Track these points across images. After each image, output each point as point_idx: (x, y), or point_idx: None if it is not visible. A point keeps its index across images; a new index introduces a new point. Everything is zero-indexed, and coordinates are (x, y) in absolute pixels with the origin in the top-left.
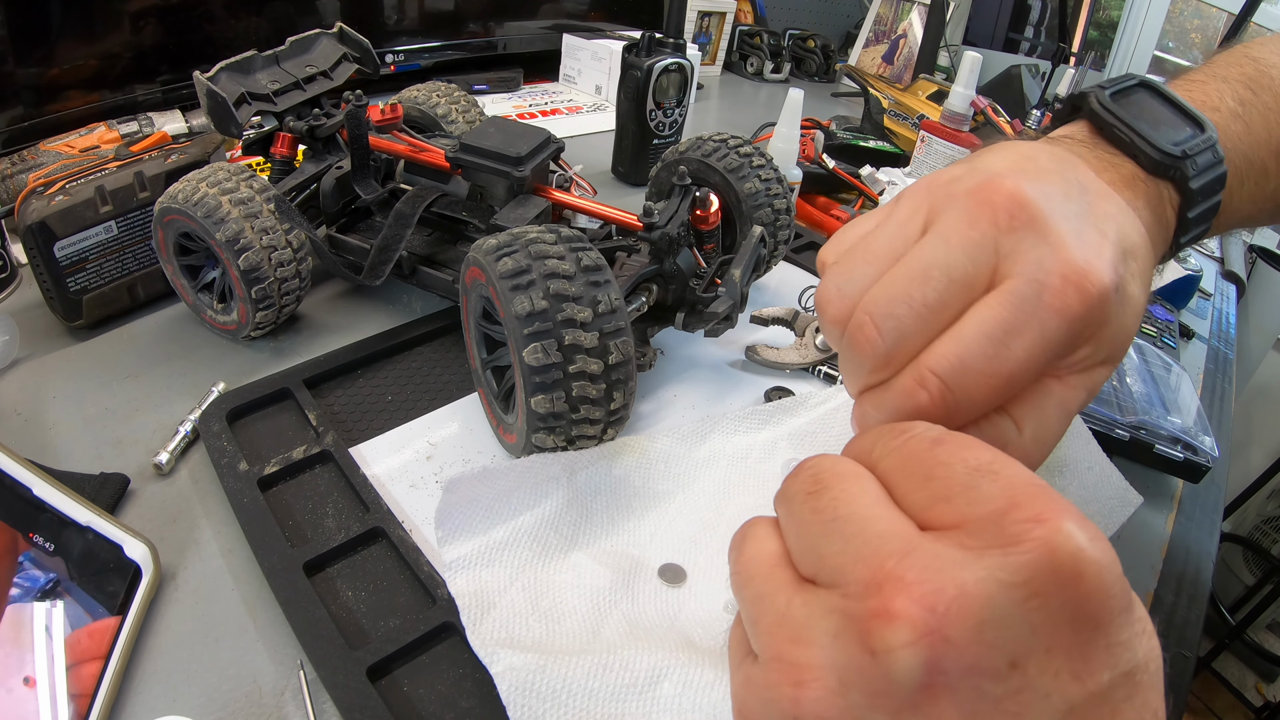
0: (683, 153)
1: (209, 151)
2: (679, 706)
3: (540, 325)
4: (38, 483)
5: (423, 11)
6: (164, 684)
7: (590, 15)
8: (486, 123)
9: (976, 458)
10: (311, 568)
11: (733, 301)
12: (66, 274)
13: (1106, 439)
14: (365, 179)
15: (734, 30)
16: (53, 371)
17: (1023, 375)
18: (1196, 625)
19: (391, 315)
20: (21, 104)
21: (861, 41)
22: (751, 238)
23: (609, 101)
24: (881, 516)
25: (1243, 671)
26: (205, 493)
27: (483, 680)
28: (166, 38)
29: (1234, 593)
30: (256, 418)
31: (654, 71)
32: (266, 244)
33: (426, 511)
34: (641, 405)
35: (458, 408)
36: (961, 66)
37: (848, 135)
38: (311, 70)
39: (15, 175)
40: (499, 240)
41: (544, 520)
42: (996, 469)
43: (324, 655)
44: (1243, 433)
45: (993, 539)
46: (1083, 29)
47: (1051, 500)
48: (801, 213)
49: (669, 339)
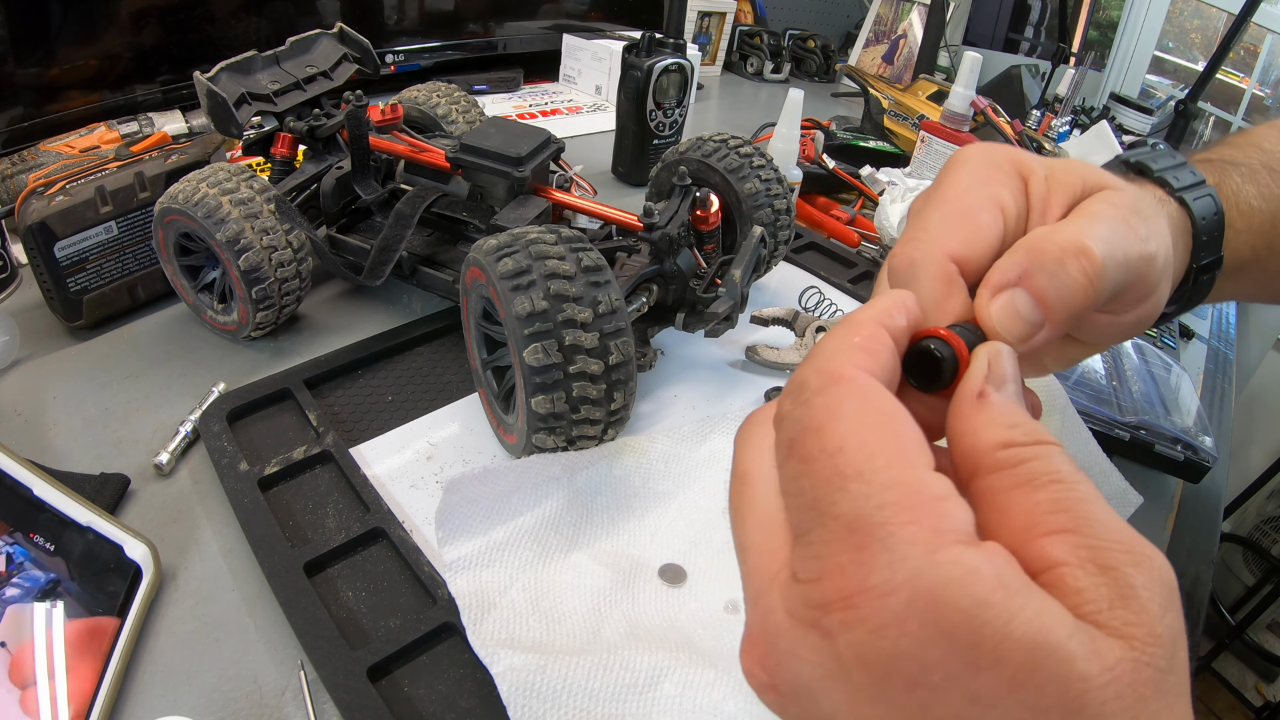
0: (683, 153)
1: (209, 152)
2: (679, 706)
3: (541, 325)
4: (38, 483)
5: (423, 11)
6: (164, 684)
7: (590, 15)
8: (486, 123)
9: (844, 459)
10: (312, 568)
11: (733, 302)
12: (66, 274)
13: (1106, 439)
14: (365, 179)
15: (734, 30)
16: (53, 371)
17: None
18: (1196, 625)
19: (391, 315)
20: (22, 104)
21: (861, 41)
22: (751, 238)
23: (609, 101)
24: (757, 544)
25: (1243, 672)
26: (205, 493)
27: (483, 680)
28: (166, 38)
29: (1234, 593)
30: (257, 418)
31: (654, 71)
32: (267, 244)
33: (427, 512)
34: (641, 405)
35: (458, 408)
36: (961, 67)
37: (848, 135)
38: (311, 70)
39: (15, 175)
40: (499, 240)
41: (544, 520)
42: (856, 471)
43: (324, 655)
44: (1243, 433)
45: (807, 616)
46: (1083, 29)
47: (872, 566)
48: (801, 213)
49: (669, 339)
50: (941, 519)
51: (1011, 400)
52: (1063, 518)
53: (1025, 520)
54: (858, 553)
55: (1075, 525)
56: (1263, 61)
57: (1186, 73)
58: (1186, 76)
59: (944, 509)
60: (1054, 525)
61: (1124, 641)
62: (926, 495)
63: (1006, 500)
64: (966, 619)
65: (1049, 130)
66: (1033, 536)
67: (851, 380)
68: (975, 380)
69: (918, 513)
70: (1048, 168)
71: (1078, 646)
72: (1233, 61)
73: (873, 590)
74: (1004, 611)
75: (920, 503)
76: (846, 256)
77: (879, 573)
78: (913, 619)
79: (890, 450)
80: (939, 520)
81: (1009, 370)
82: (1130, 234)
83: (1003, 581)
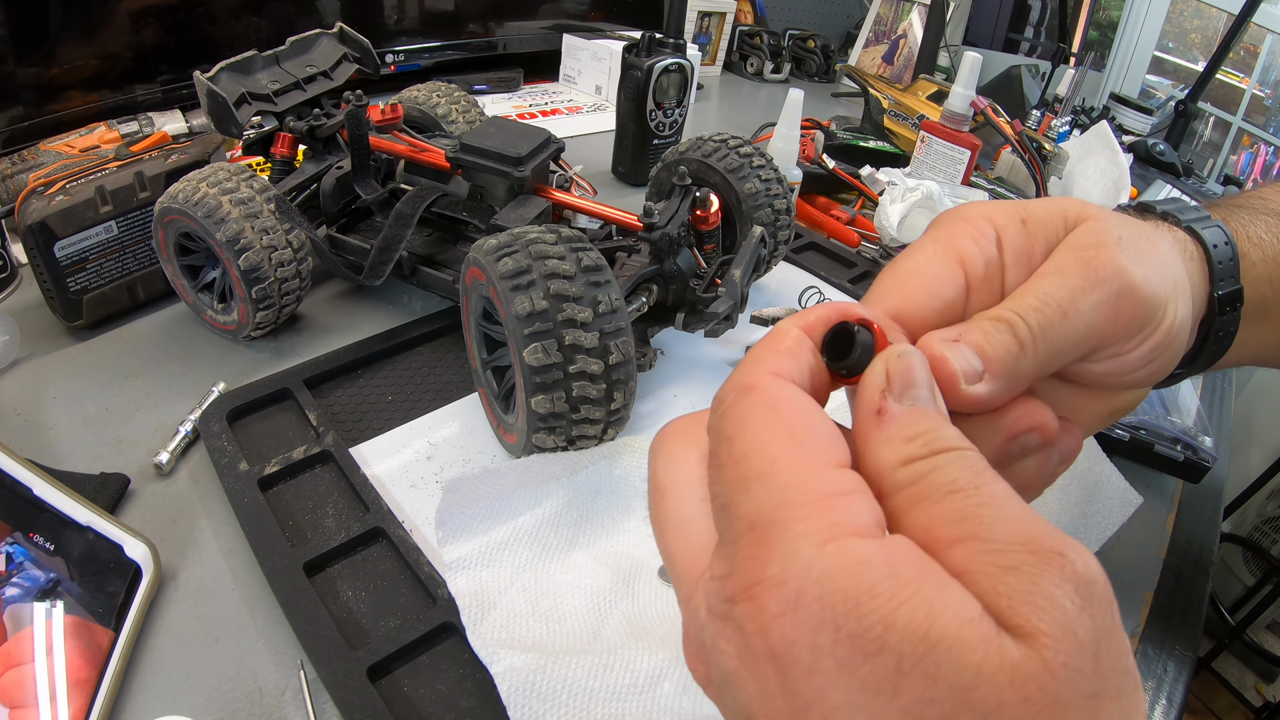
0: (683, 153)
1: (209, 151)
2: (679, 706)
3: (540, 325)
4: (38, 483)
5: (423, 11)
6: (164, 684)
7: (590, 15)
8: (486, 123)
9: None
10: (312, 568)
11: (733, 301)
12: (66, 274)
13: (1106, 439)
14: (365, 179)
15: (734, 30)
16: (53, 371)
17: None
18: (1196, 625)
19: (391, 315)
20: (21, 104)
21: (861, 41)
22: (751, 238)
23: (609, 101)
24: (680, 551)
25: (1242, 671)
26: (205, 493)
27: (483, 680)
28: (166, 38)
29: (1234, 593)
30: (257, 418)
31: (654, 71)
32: (267, 244)
33: (426, 511)
34: (641, 405)
35: (458, 408)
36: (961, 67)
37: (848, 135)
38: (311, 70)
39: (15, 175)
40: (499, 240)
41: (544, 520)
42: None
43: (324, 655)
44: (1243, 433)
45: (721, 609)
46: (1083, 29)
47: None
48: (801, 213)
49: (669, 339)
50: (835, 513)
51: (913, 410)
52: (960, 527)
53: (927, 536)
54: (757, 548)
55: (975, 532)
56: (1263, 61)
57: (1186, 73)
58: (1186, 77)
59: (840, 504)
60: (954, 535)
61: (1030, 640)
62: (823, 492)
63: (911, 519)
64: (852, 607)
65: (1049, 130)
66: (938, 550)
67: (760, 389)
68: (872, 396)
69: (812, 509)
70: (1026, 211)
71: (971, 637)
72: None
73: (768, 580)
74: (890, 600)
75: (815, 499)
76: (846, 256)
77: (774, 564)
78: (803, 608)
79: (790, 454)
80: (832, 514)
81: (915, 375)
82: (1089, 276)
83: (893, 571)
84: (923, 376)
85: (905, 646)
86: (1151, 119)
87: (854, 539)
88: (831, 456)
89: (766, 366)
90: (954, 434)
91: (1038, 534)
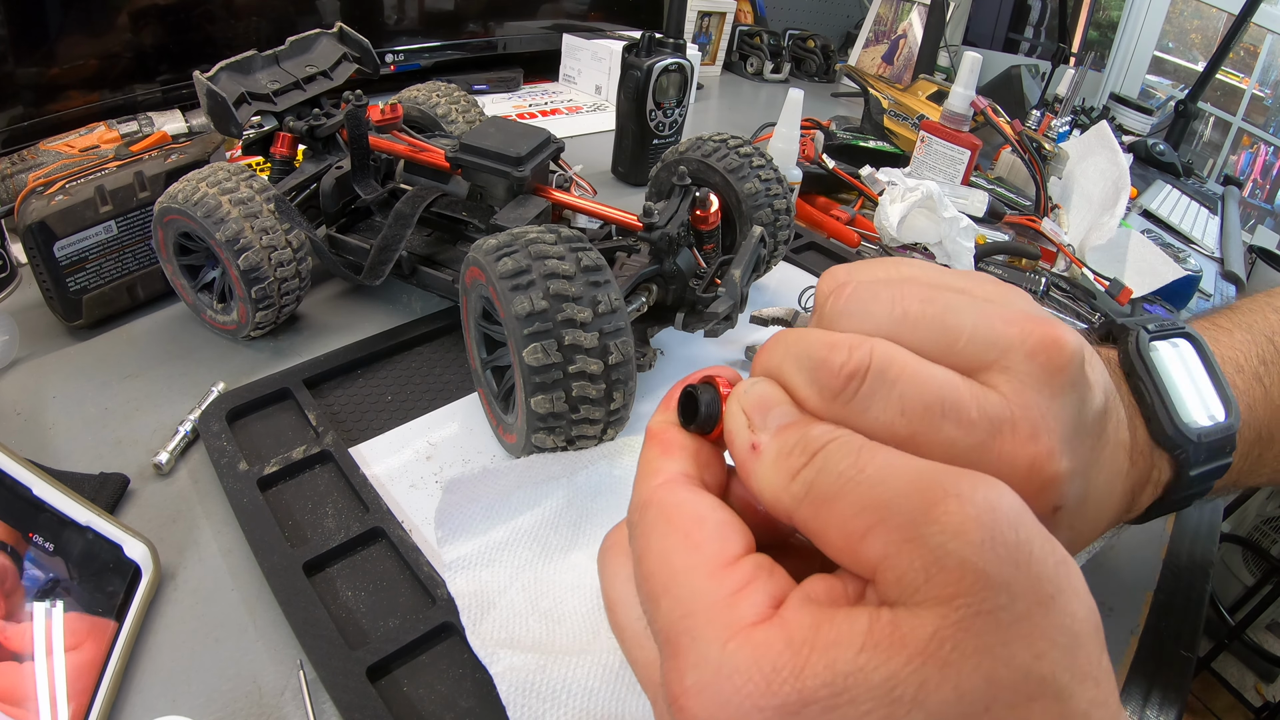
0: (683, 153)
1: (209, 151)
2: None
3: (540, 325)
4: (38, 483)
5: (423, 11)
6: (164, 684)
7: (590, 15)
8: (486, 123)
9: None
10: (311, 568)
11: (733, 301)
12: (66, 274)
13: None
14: (365, 179)
15: (734, 30)
16: (53, 371)
17: None
18: (1196, 625)
19: (391, 315)
20: (21, 104)
21: (861, 41)
22: (751, 238)
23: (609, 101)
24: (638, 659)
25: (1242, 672)
26: (205, 493)
27: (483, 680)
28: (166, 38)
29: (1234, 593)
30: (256, 418)
31: (654, 71)
32: (266, 244)
33: (426, 511)
34: (641, 405)
35: (458, 408)
36: (961, 67)
37: (848, 135)
38: (311, 70)
39: (15, 175)
40: (499, 240)
41: (544, 520)
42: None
43: (324, 655)
44: None
45: (668, 716)
46: (1083, 29)
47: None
48: (801, 213)
49: (669, 339)
50: (733, 611)
51: (779, 429)
52: (864, 517)
53: (839, 537)
54: (675, 659)
55: (875, 513)
56: (1263, 61)
57: (1186, 73)
58: (1186, 77)
59: (737, 601)
60: (859, 527)
61: (940, 609)
62: (721, 595)
63: (819, 527)
64: (764, 688)
65: (1049, 130)
66: (851, 547)
67: (654, 504)
68: (743, 437)
69: (712, 614)
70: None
71: (868, 660)
72: (1233, 62)
73: (690, 690)
74: (793, 669)
75: (714, 604)
76: (846, 257)
77: (690, 674)
78: (727, 704)
79: (688, 563)
80: (731, 614)
81: (769, 397)
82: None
83: (789, 641)
84: (777, 395)
85: (821, 695)
86: (1151, 119)
87: (750, 629)
88: (727, 552)
89: (656, 478)
90: (823, 428)
91: (923, 485)
